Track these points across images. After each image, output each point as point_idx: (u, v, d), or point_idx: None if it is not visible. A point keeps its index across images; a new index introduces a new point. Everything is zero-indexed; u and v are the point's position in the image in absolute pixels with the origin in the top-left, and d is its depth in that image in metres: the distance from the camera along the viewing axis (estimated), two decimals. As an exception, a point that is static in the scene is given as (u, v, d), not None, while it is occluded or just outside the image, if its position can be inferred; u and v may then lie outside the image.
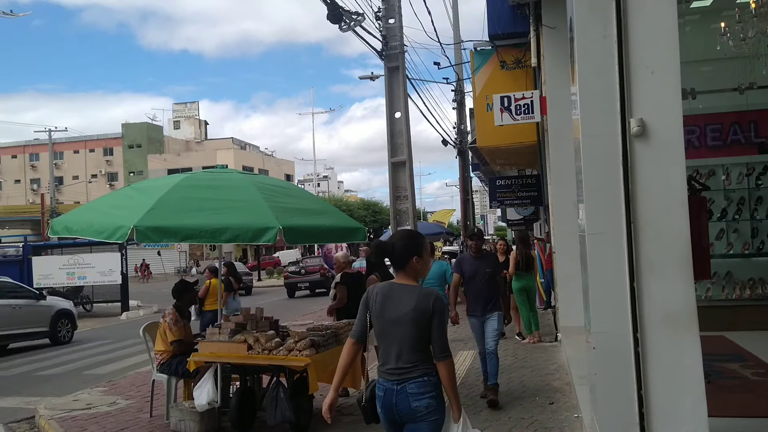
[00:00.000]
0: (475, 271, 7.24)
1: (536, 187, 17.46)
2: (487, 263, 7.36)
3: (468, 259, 7.53)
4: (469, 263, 7.39)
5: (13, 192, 72.00)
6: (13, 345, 14.80)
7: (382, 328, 3.46)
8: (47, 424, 7.20)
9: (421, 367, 3.33)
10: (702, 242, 4.67)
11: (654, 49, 3.70)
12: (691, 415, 3.63)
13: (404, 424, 3.37)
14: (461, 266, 7.52)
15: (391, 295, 3.46)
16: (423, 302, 3.33)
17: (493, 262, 7.47)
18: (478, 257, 7.39)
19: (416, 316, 3.32)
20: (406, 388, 3.31)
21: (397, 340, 3.38)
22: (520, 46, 12.83)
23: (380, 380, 3.46)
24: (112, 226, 5.75)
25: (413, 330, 3.34)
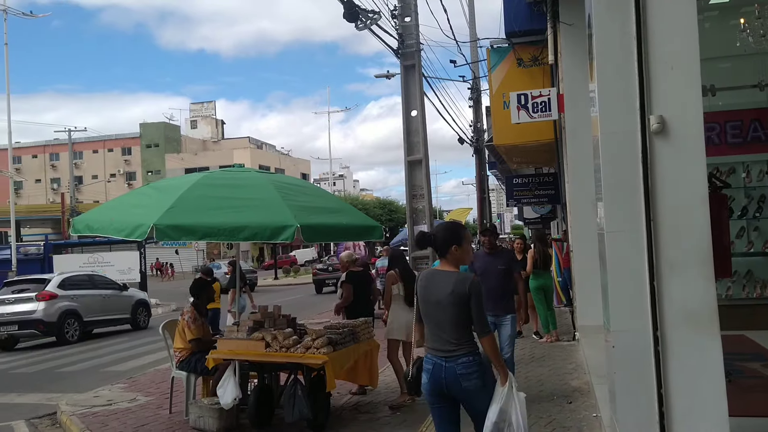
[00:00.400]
0: (486, 268, 6.89)
1: (553, 185, 17.37)
2: (500, 260, 7.02)
3: (481, 255, 7.21)
4: (482, 260, 7.08)
5: (34, 191, 72.82)
6: (97, 330, 16.56)
7: (426, 311, 3.96)
8: (69, 420, 7.29)
9: (464, 346, 3.81)
10: (723, 240, 4.63)
11: (673, 46, 3.68)
12: (712, 414, 3.60)
13: (452, 397, 3.87)
14: (473, 263, 7.12)
15: (433, 281, 3.95)
16: (460, 287, 3.79)
17: (507, 260, 7.14)
18: (492, 254, 7.11)
19: (455, 299, 3.77)
20: (455, 367, 3.78)
21: (441, 320, 3.85)
22: (536, 43, 12.75)
23: (428, 356, 3.93)
24: (132, 225, 5.81)
25: (453, 312, 3.79)
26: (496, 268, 6.87)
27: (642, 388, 3.71)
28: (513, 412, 3.79)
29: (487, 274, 6.79)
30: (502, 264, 6.95)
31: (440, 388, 3.84)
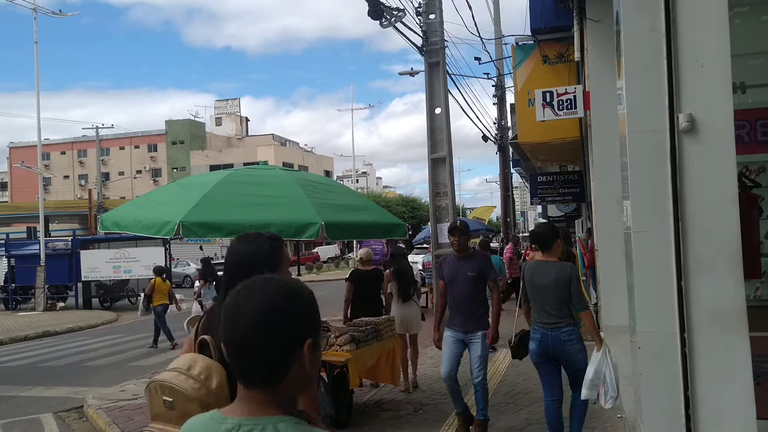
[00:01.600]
0: (454, 274, 5.96)
1: (578, 184, 17.20)
2: (471, 266, 5.94)
3: (449, 259, 6.19)
4: (450, 265, 6.08)
5: (62, 187, 73.96)
6: None
7: (533, 293, 5.24)
8: (95, 413, 7.40)
9: (566, 320, 5.08)
10: (752, 240, 4.55)
11: (703, 42, 3.62)
12: (739, 417, 3.55)
13: (557, 359, 5.14)
14: (441, 268, 6.29)
15: (538, 269, 5.24)
16: (561, 273, 5.08)
17: (480, 265, 5.97)
18: (462, 257, 6.01)
19: (557, 284, 5.04)
20: (559, 335, 5.05)
21: (547, 300, 5.09)
22: (562, 40, 12.64)
23: (536, 327, 5.21)
24: (160, 222, 5.88)
25: (556, 293, 5.05)
26: (465, 274, 5.90)
27: (668, 390, 3.66)
28: (607, 372, 4.89)
29: (455, 282, 5.95)
30: (473, 270, 5.92)
31: (547, 351, 5.10)
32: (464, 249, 6.04)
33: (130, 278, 22.68)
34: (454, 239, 6.01)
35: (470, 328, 5.83)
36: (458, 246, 5.99)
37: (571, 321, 5.06)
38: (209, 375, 2.23)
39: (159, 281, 13.65)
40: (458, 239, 5.98)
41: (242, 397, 1.47)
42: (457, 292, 5.90)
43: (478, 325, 5.87)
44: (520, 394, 7.45)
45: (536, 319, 5.21)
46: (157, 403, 2.30)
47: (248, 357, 1.42)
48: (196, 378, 2.22)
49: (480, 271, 5.91)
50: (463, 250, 6.02)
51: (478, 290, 5.94)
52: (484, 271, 5.96)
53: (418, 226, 49.03)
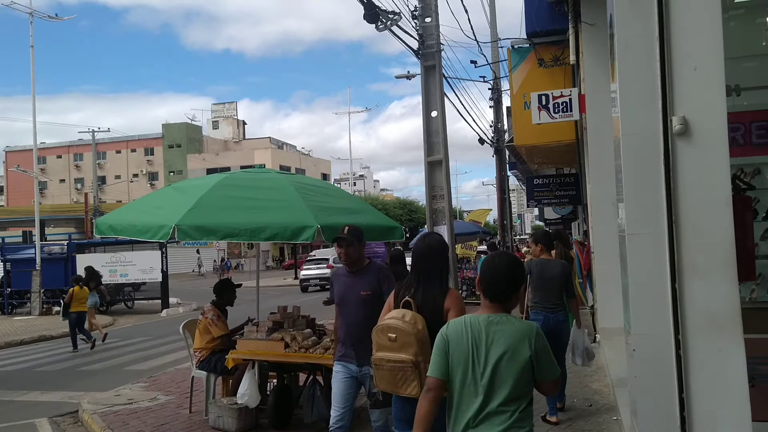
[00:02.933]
0: (345, 293, 4.86)
1: (574, 186, 17.24)
2: (365, 282, 4.79)
3: (340, 274, 5.04)
4: (339, 281, 4.97)
5: (58, 191, 73.87)
6: None
7: (542, 284, 6.46)
8: (90, 418, 7.38)
9: (561, 305, 6.44)
10: (746, 242, 4.55)
11: (697, 45, 3.63)
12: (734, 419, 3.55)
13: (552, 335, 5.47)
14: (331, 285, 5.21)
15: (547, 265, 6.59)
16: (566, 269, 6.65)
17: (376, 281, 4.81)
18: (354, 272, 4.88)
19: (561, 278, 6.48)
20: (558, 316, 6.41)
21: (551, 289, 6.43)
22: (558, 43, 12.69)
23: (539, 311, 6.45)
24: (155, 226, 5.87)
25: (560, 284, 6.45)
26: (358, 293, 4.75)
27: (663, 392, 3.66)
28: (579, 341, 6.69)
29: (346, 302, 4.84)
30: (368, 287, 4.76)
31: (548, 330, 5.80)
32: (356, 261, 4.85)
33: (127, 282, 22.63)
34: (340, 251, 4.82)
35: (364, 360, 4.48)
36: (347, 259, 4.81)
37: (564, 307, 6.47)
38: (415, 321, 3.65)
39: (77, 289, 14.18)
40: (345, 251, 4.78)
41: (486, 306, 2.92)
42: (350, 316, 4.73)
43: None
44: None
45: (540, 305, 6.48)
46: (383, 339, 3.66)
47: (498, 286, 2.91)
48: (408, 322, 3.63)
49: (376, 289, 4.73)
50: (354, 263, 4.85)
51: (375, 312, 4.27)
52: (382, 287, 4.72)
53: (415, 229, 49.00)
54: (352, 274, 4.88)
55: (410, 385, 3.53)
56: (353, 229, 4.89)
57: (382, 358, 3.63)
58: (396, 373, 3.56)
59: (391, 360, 3.58)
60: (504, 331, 2.79)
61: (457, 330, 2.85)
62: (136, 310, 22.97)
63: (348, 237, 4.80)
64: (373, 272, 4.89)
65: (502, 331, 2.79)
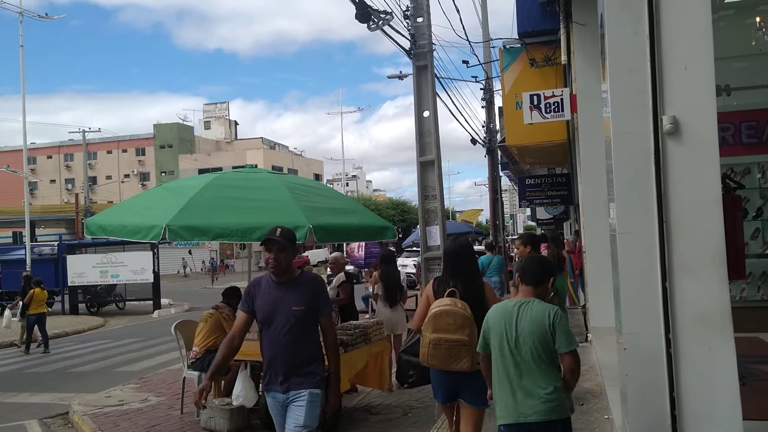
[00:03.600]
0: (270, 309, 4.06)
1: (566, 186, 17.30)
2: (296, 296, 4.05)
3: (263, 285, 4.17)
4: (264, 293, 4.13)
5: (49, 192, 73.42)
6: None
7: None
8: (81, 420, 7.34)
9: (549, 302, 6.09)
10: (736, 242, 4.57)
11: (687, 45, 3.64)
12: (725, 417, 3.56)
13: None
14: (251, 298, 4.17)
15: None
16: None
17: (310, 294, 4.10)
18: (282, 283, 4.08)
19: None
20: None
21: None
22: (549, 43, 12.71)
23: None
24: (146, 226, 5.84)
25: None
26: (289, 309, 4.02)
27: (654, 391, 3.68)
28: None
29: (271, 319, 4.06)
30: (301, 302, 4.05)
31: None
32: (286, 270, 4.09)
33: (118, 283, 22.53)
34: (268, 257, 4.04)
35: (294, 385, 4.00)
36: (276, 266, 4.03)
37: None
38: (465, 307, 4.27)
39: (38, 291, 14.29)
40: (275, 256, 4.02)
41: (522, 291, 3.70)
42: (278, 335, 4.02)
43: (308, 380, 4.02)
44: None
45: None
46: (442, 322, 4.23)
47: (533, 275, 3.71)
48: (461, 308, 4.26)
49: (311, 304, 4.07)
50: (284, 272, 4.08)
51: (307, 331, 4.05)
52: (318, 303, 4.13)
53: (408, 230, 49.08)
54: (282, 285, 4.07)
55: (462, 360, 4.19)
56: (287, 231, 4.17)
57: (440, 338, 4.21)
58: (452, 351, 4.20)
59: (449, 340, 4.20)
60: (530, 310, 3.58)
61: (494, 313, 3.74)
62: (127, 311, 22.87)
63: (280, 239, 4.04)
64: (307, 285, 4.13)
65: (528, 310, 3.58)
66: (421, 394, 7.80)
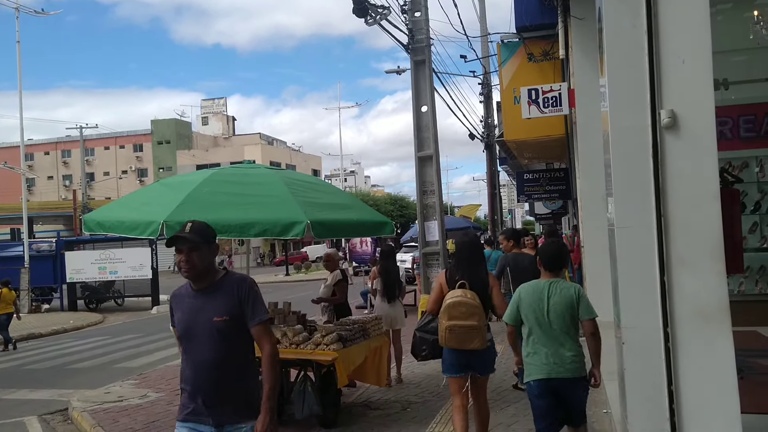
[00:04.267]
0: (190, 320, 3.38)
1: (564, 181, 17.30)
2: (218, 304, 3.33)
3: (182, 294, 3.50)
4: (181, 303, 3.47)
5: (46, 188, 73.33)
6: None
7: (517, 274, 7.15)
8: (80, 416, 7.35)
9: None
10: (734, 235, 4.57)
11: (685, 39, 3.63)
12: (723, 411, 3.57)
13: None
14: (173, 312, 3.55)
15: (518, 258, 7.59)
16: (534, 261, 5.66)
17: (235, 300, 3.35)
18: (202, 290, 3.38)
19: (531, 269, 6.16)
20: None
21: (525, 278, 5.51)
22: (547, 38, 12.69)
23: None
24: (144, 222, 5.83)
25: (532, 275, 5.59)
26: (209, 322, 3.30)
27: (652, 385, 3.68)
28: None
29: (190, 334, 3.38)
30: (223, 311, 3.32)
31: None
32: (203, 273, 3.35)
33: (116, 279, 22.51)
34: (180, 258, 3.32)
35: (227, 415, 3.33)
36: (189, 269, 3.31)
37: None
38: (474, 297, 4.97)
39: (6, 291, 14.27)
40: (187, 257, 3.30)
41: (545, 275, 4.55)
42: (199, 353, 3.33)
43: (245, 409, 3.35)
44: (507, 391, 7.47)
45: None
46: (456, 312, 4.93)
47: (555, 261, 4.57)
48: (471, 298, 4.95)
49: (236, 312, 3.33)
50: (200, 276, 3.35)
51: (234, 346, 3.35)
52: (244, 309, 3.36)
53: (406, 225, 49.03)
54: (201, 292, 3.36)
55: (474, 340, 4.95)
56: (200, 225, 3.42)
57: (455, 324, 4.93)
58: (465, 334, 4.93)
59: (463, 326, 4.92)
60: (559, 287, 4.44)
61: (527, 290, 4.53)
62: (126, 308, 22.87)
63: (191, 236, 3.31)
64: (231, 288, 3.37)
65: (558, 287, 4.44)
66: (419, 389, 7.82)
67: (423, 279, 12.67)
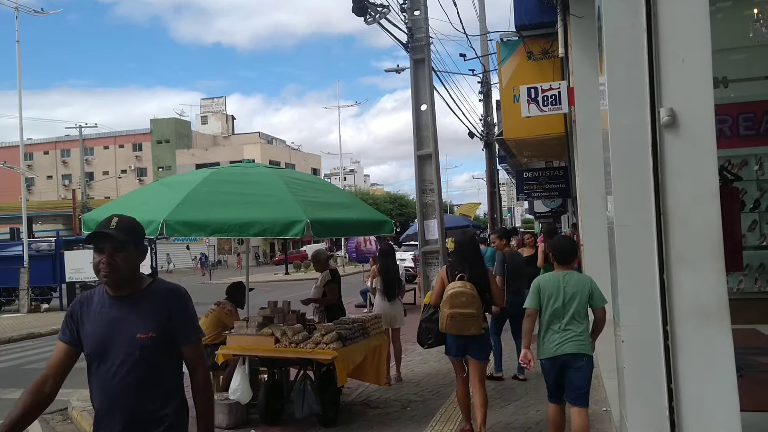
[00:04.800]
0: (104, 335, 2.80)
1: (564, 179, 17.29)
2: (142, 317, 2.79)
3: (96, 303, 2.90)
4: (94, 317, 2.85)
5: (46, 188, 73.33)
6: None
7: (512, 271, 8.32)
8: (80, 415, 7.35)
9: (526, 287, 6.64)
10: (734, 233, 4.58)
11: (684, 37, 3.63)
12: (723, 408, 3.57)
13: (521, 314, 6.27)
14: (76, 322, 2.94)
15: (514, 256, 8.42)
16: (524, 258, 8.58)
17: (163, 313, 2.81)
18: (119, 297, 2.81)
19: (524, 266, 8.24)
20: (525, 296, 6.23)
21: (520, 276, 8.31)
22: (547, 36, 12.67)
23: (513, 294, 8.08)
24: (143, 222, 5.80)
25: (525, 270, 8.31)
26: (132, 338, 2.75)
27: (652, 383, 3.68)
28: None
29: (104, 352, 2.79)
30: (149, 326, 2.77)
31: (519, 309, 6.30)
32: (126, 279, 2.79)
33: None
34: (100, 259, 2.76)
35: None
36: (110, 273, 2.73)
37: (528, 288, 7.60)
38: (472, 287, 5.52)
39: None
40: (109, 258, 2.73)
41: (559, 268, 5.10)
42: (112, 377, 2.76)
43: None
44: (507, 389, 7.48)
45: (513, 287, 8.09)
46: (456, 301, 5.48)
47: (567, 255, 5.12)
48: (469, 289, 5.51)
49: (164, 328, 2.78)
50: (123, 282, 2.78)
51: (159, 369, 2.79)
52: (176, 325, 2.82)
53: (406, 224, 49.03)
54: (122, 301, 2.79)
55: (472, 327, 5.53)
56: (127, 221, 2.87)
57: (456, 312, 5.49)
58: (464, 321, 5.50)
59: (462, 314, 5.49)
60: (574, 278, 5.00)
61: (546, 280, 5.07)
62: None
63: (116, 233, 2.77)
64: (158, 299, 2.82)
65: (572, 278, 4.98)
66: (419, 388, 7.82)
67: (423, 278, 12.68)
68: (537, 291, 5.05)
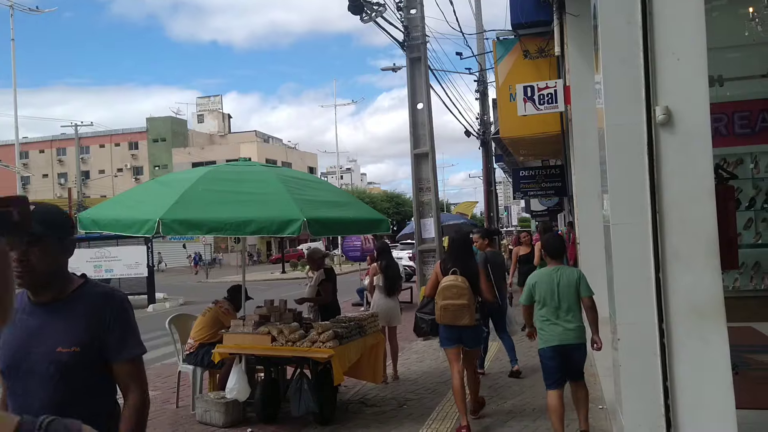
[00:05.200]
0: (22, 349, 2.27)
1: (560, 178, 17.33)
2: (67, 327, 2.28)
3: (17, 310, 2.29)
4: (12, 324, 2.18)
5: (41, 186, 73.12)
6: None
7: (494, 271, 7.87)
8: (77, 414, 7.34)
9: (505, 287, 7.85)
10: (729, 232, 4.59)
11: (680, 36, 3.64)
12: (718, 406, 3.58)
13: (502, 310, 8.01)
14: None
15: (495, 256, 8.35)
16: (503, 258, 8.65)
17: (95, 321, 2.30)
18: (42, 303, 2.33)
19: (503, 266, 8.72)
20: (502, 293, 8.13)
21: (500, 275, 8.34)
22: (543, 35, 12.69)
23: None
24: (139, 220, 5.82)
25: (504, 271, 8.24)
26: (50, 351, 2.26)
27: (648, 381, 3.70)
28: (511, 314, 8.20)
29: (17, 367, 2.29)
30: (73, 339, 2.28)
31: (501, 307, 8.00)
32: (47, 280, 2.32)
33: (112, 278, 22.44)
34: (18, 261, 2.21)
35: None
36: (23, 272, 2.23)
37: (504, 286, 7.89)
38: (464, 281, 5.81)
39: None
40: (22, 255, 2.22)
41: (551, 263, 5.41)
42: (27, 397, 2.30)
43: None
44: (504, 387, 7.49)
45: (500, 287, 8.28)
46: (449, 293, 5.79)
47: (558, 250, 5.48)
48: (461, 282, 5.81)
49: (93, 339, 2.32)
50: (41, 284, 2.32)
51: (83, 389, 2.31)
52: (106, 338, 2.34)
53: (402, 222, 49.05)
54: (41, 308, 2.34)
55: (464, 318, 5.82)
56: (47, 210, 2.35)
57: (449, 303, 5.82)
58: (457, 312, 5.81)
59: (455, 305, 5.80)
60: (564, 273, 5.28)
61: (540, 275, 5.37)
62: (122, 306, 22.79)
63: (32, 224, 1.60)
64: (88, 306, 2.36)
65: (563, 273, 5.27)
66: (416, 386, 7.83)
67: (419, 276, 12.69)
68: (531, 288, 5.35)
